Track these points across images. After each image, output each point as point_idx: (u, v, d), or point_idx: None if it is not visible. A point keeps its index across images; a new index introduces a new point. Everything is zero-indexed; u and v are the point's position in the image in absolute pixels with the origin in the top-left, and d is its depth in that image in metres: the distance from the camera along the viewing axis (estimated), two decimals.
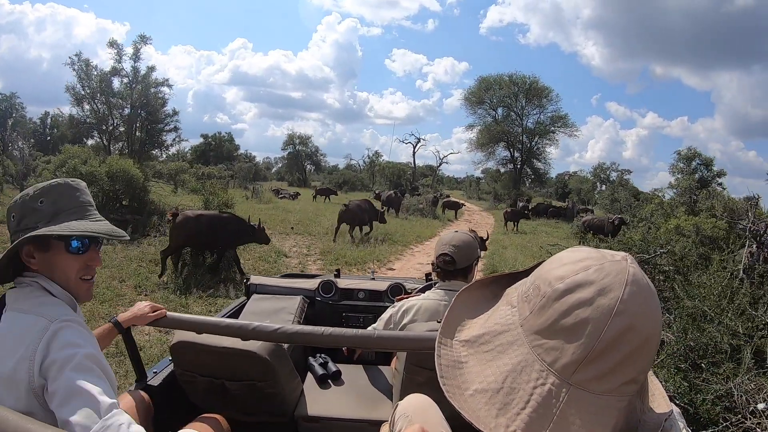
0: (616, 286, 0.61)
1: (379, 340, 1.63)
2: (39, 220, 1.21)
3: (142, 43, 23.01)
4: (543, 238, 16.90)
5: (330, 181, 43.84)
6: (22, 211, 1.23)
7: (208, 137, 48.94)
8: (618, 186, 35.18)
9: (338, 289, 3.15)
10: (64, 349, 1.11)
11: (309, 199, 26.91)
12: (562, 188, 50.36)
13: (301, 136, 52.43)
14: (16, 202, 1.25)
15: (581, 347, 0.60)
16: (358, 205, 12.87)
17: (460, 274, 2.17)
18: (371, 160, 51.12)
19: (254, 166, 46.05)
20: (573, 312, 0.62)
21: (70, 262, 1.24)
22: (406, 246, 12.93)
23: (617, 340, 0.60)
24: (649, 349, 0.62)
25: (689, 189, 13.45)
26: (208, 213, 8.16)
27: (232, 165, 40.50)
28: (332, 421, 1.99)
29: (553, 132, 38.28)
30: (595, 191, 46.29)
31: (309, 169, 53.97)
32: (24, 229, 1.21)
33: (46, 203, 1.23)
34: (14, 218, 1.24)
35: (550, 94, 37.92)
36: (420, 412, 1.27)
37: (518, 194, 34.54)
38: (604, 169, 47.94)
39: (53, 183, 1.26)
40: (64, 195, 1.25)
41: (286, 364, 1.91)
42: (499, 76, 38.95)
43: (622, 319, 0.60)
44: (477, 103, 39.70)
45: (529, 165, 39.33)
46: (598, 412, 0.61)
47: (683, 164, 15.96)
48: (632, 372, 0.62)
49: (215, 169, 31.19)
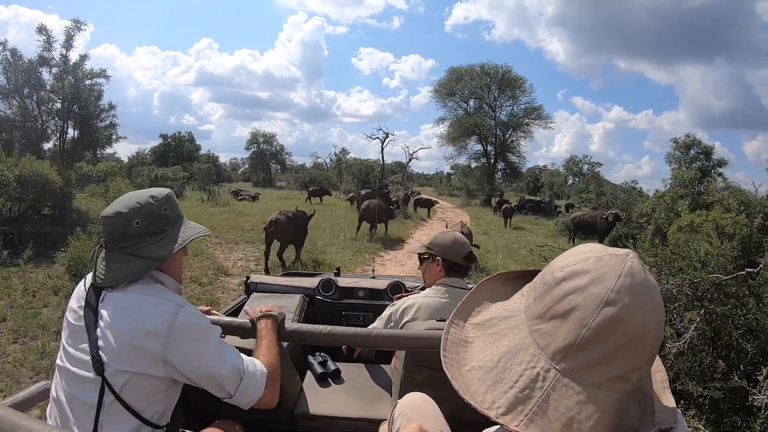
0: (610, 276, 0.62)
1: (378, 338, 1.67)
2: (166, 224, 1.39)
3: (76, 30, 20.14)
4: (528, 238, 15.43)
5: (296, 180, 42.49)
6: (150, 217, 1.36)
7: (167, 137, 46.25)
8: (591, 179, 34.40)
9: (338, 287, 3.18)
10: (195, 327, 1.32)
11: (270, 201, 25.32)
12: (534, 182, 49.78)
13: (265, 134, 51.29)
14: (138, 210, 1.34)
15: (570, 333, 0.62)
16: (378, 204, 13.07)
17: (459, 271, 2.21)
18: (338, 158, 49.39)
19: (215, 167, 43.58)
20: (566, 298, 0.64)
21: (181, 257, 1.48)
22: (374, 254, 11.03)
23: (605, 330, 0.61)
24: (642, 346, 0.62)
25: (692, 181, 11.96)
26: (297, 212, 9.16)
27: (191, 166, 37.95)
28: (332, 420, 1.99)
29: (527, 124, 36.83)
30: (567, 185, 45.77)
31: (275, 169, 52.14)
32: (152, 233, 1.36)
33: (170, 210, 1.41)
34: (139, 224, 1.34)
35: (524, 85, 36.46)
36: (419, 411, 1.31)
37: (492, 189, 33.34)
38: (577, 162, 47.46)
39: (167, 193, 1.43)
40: (175, 203, 1.45)
41: (285, 363, 1.82)
42: (470, 67, 37.21)
43: (612, 309, 0.61)
44: (447, 95, 37.83)
45: (503, 159, 37.85)
46: (582, 403, 0.61)
47: (680, 153, 14.56)
48: (622, 367, 0.62)
49: (170, 170, 28.49)
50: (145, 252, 1.34)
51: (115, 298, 1.31)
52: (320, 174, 44.88)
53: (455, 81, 37.45)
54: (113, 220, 1.34)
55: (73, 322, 1.33)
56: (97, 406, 1.24)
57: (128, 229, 1.34)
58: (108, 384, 1.25)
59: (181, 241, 1.39)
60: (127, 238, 1.34)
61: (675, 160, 14.73)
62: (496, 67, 36.58)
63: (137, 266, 1.33)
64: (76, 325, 1.32)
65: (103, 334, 1.27)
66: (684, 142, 14.70)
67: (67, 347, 1.33)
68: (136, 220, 1.34)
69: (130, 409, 1.27)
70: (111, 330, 1.27)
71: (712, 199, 11.52)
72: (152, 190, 1.42)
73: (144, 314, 1.27)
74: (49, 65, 19.87)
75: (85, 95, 20.20)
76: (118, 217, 1.34)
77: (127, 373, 1.26)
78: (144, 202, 1.36)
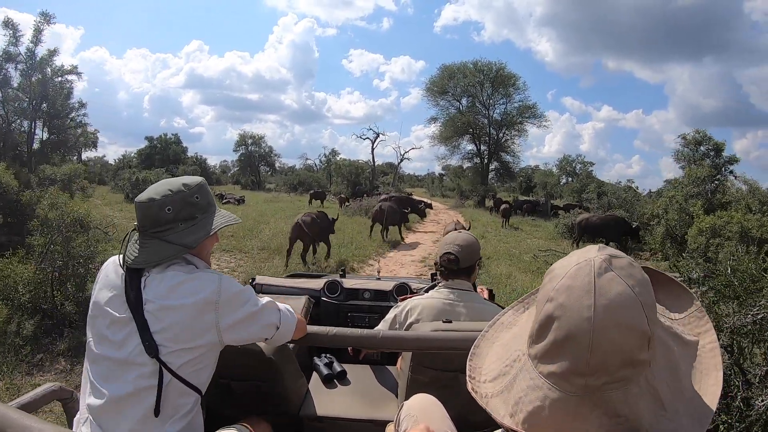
0: (558, 276, 0.68)
1: (384, 340, 1.69)
2: (197, 211, 1.42)
3: (45, 23, 18.68)
4: (528, 241, 14.52)
5: (285, 182, 41.39)
6: (182, 204, 1.39)
7: (153, 140, 45.00)
8: (586, 178, 33.72)
9: (344, 289, 3.16)
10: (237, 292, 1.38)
11: (257, 204, 24.45)
12: (527, 182, 49.07)
13: (253, 136, 50.25)
14: (170, 197, 1.37)
15: (532, 324, 0.70)
16: (390, 206, 13.46)
17: (464, 273, 2.18)
18: (328, 159, 48.45)
19: (200, 170, 42.49)
20: (539, 291, 0.72)
21: (211, 243, 1.51)
22: (363, 262, 10.05)
23: (544, 325, 0.66)
24: (577, 349, 0.62)
25: (707, 179, 11.07)
26: (320, 213, 9.61)
27: (176, 168, 36.82)
28: (337, 421, 1.98)
29: (521, 123, 36.00)
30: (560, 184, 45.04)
31: (264, 171, 51.13)
32: (182, 219, 1.39)
33: (201, 198, 1.43)
34: (170, 210, 1.37)
35: (518, 83, 35.64)
36: (425, 412, 1.33)
37: (486, 190, 32.51)
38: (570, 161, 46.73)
39: (200, 181, 1.47)
40: (208, 191, 1.48)
41: (291, 364, 1.92)
42: (462, 64, 36.36)
43: (550, 306, 0.66)
44: (439, 94, 36.93)
45: (497, 158, 37.03)
46: (530, 388, 0.67)
47: (689, 150, 13.65)
48: (559, 366, 0.64)
49: (153, 173, 27.27)
50: (175, 238, 1.37)
51: (158, 281, 1.33)
52: (309, 176, 44.16)
53: (447, 79, 36.58)
54: (146, 206, 1.38)
55: (112, 310, 1.33)
56: (158, 388, 1.27)
57: (160, 215, 1.37)
58: (165, 365, 1.28)
59: (210, 229, 1.43)
60: (159, 223, 1.37)
61: (684, 157, 13.84)
62: (490, 64, 35.83)
63: (168, 252, 1.37)
64: (115, 313, 1.32)
65: (154, 317, 1.29)
66: (693, 138, 13.78)
67: (108, 336, 1.32)
68: (168, 206, 1.37)
69: (189, 385, 1.32)
70: (164, 310, 1.30)
71: (729, 199, 10.69)
72: (185, 178, 1.45)
73: (193, 288, 1.32)
74: (15, 61, 18.48)
75: (52, 93, 18.94)
76: (150, 203, 1.37)
77: (185, 350, 1.30)
78: (176, 189, 1.40)
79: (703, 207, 10.48)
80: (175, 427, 1.31)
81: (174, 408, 1.30)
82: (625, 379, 0.62)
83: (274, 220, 15.54)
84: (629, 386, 0.63)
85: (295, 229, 8.93)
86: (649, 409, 0.64)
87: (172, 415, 1.30)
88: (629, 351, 0.62)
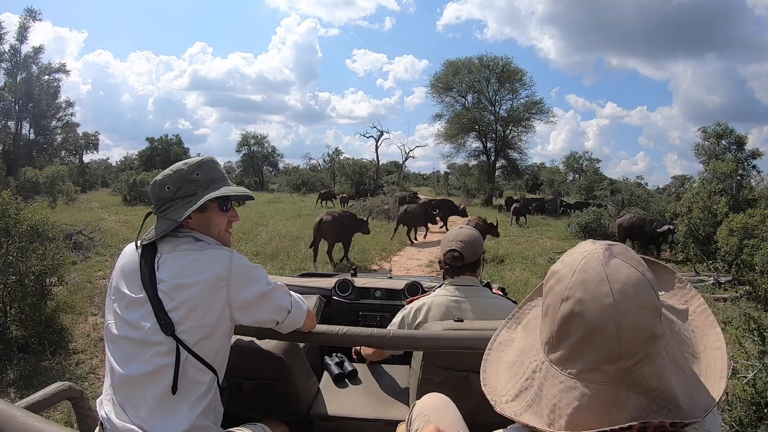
0: (568, 274, 0.68)
1: (394, 339, 1.67)
2: (197, 188, 1.43)
3: (31, 20, 18.09)
4: (540, 242, 13.80)
5: (288, 182, 40.76)
6: (180, 182, 1.41)
7: (154, 141, 44.37)
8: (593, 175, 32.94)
9: (355, 288, 3.14)
10: (248, 268, 1.39)
11: (257, 204, 23.48)
12: (533, 180, 48.28)
13: (256, 136, 49.49)
14: (169, 177, 1.41)
15: (548, 328, 0.70)
16: (415, 208, 13.64)
17: (469, 269, 2.16)
18: (331, 158, 47.77)
19: None
20: (547, 296, 0.72)
21: (222, 218, 1.48)
22: (365, 267, 9.36)
23: (566, 325, 0.66)
24: (605, 339, 0.63)
25: (732, 174, 10.32)
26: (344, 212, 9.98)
27: None
28: (348, 421, 1.98)
29: (528, 119, 35.10)
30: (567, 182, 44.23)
31: (267, 171, 50.56)
32: (181, 196, 1.41)
33: (202, 175, 1.44)
34: (169, 189, 1.40)
35: (524, 78, 34.65)
36: (437, 412, 1.29)
37: (493, 188, 31.76)
38: (577, 158, 45.89)
39: (203, 159, 1.47)
40: (213, 168, 1.48)
41: (301, 364, 1.91)
42: (468, 59, 35.33)
43: (567, 305, 0.66)
44: (444, 90, 36.00)
45: (503, 156, 36.14)
46: (563, 391, 0.66)
47: (710, 143, 12.86)
48: (591, 359, 0.64)
49: (150, 174, 26.62)
50: (171, 214, 1.39)
51: (171, 260, 1.35)
52: (313, 176, 43.50)
53: (452, 74, 35.65)
54: (151, 188, 1.44)
55: (129, 292, 1.35)
56: (175, 366, 1.28)
57: (161, 194, 1.42)
58: (181, 342, 1.29)
59: (198, 202, 1.40)
60: (163, 202, 1.42)
61: (704, 151, 13.04)
62: (496, 59, 34.82)
63: (161, 227, 1.39)
64: (132, 295, 1.34)
65: (168, 295, 1.31)
66: (714, 131, 12.93)
67: (126, 317, 1.33)
68: (167, 185, 1.41)
69: (204, 363, 1.33)
70: (177, 288, 1.31)
71: (757, 195, 9.95)
72: (192, 158, 1.48)
73: (204, 265, 1.33)
74: None
75: (38, 92, 18.35)
76: (154, 185, 1.43)
77: (198, 327, 1.31)
78: (176, 168, 1.43)
79: (728, 204, 9.77)
80: (195, 411, 1.31)
81: (190, 386, 1.31)
82: (651, 354, 0.64)
83: (273, 222, 14.88)
84: (656, 359, 0.65)
85: (317, 228, 9.19)
86: (675, 375, 0.66)
87: (190, 395, 1.31)
88: (650, 327, 0.65)
